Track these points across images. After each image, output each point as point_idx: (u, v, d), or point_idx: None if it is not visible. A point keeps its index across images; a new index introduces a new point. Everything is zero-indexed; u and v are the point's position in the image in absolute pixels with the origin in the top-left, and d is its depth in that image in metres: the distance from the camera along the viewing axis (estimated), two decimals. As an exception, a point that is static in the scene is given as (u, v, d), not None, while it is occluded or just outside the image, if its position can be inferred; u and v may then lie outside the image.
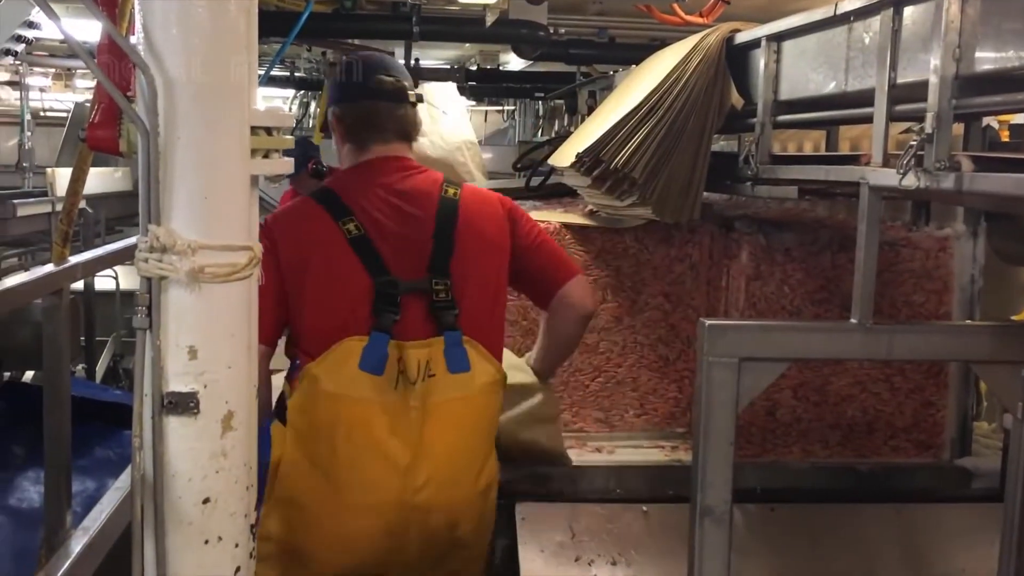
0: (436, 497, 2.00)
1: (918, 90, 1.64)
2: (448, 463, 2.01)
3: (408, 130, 2.18)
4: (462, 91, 6.42)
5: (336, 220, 2.03)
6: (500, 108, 10.40)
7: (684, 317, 2.61)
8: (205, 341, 1.41)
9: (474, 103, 8.99)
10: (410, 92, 2.16)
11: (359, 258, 2.01)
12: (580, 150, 2.34)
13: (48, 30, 5.13)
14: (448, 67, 6.80)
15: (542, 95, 6.86)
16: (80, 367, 5.44)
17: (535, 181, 3.42)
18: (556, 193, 3.29)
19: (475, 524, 2.09)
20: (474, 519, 2.08)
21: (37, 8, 4.63)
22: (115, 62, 1.55)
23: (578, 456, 2.47)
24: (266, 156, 1.54)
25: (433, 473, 1.99)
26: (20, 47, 4.83)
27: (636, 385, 2.63)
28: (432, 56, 6.61)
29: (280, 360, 2.12)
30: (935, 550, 2.32)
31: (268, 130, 1.53)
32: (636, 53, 3.93)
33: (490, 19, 3.89)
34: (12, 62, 5.57)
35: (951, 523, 2.37)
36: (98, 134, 1.58)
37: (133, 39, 1.46)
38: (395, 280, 2.01)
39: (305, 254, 2.03)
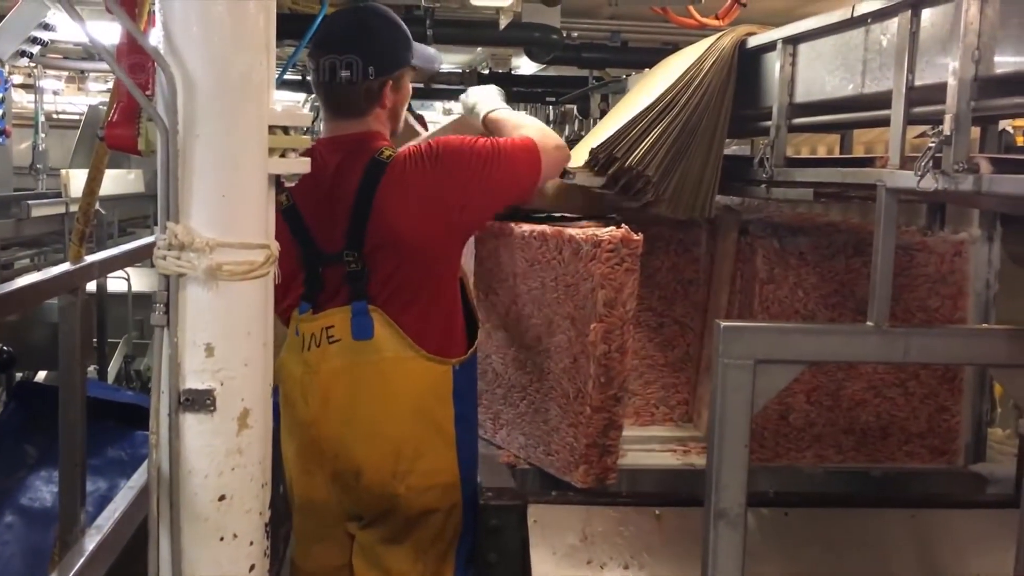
0: (338, 449, 2.10)
1: (936, 92, 1.64)
2: (343, 422, 2.08)
3: (345, 103, 2.09)
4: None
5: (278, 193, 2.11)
6: (511, 112, 10.41)
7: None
8: (222, 339, 1.42)
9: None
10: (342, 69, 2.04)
11: (290, 230, 2.04)
12: (594, 147, 2.34)
13: (64, 33, 5.15)
14: (460, 71, 6.81)
15: (554, 99, 6.86)
16: (92, 368, 5.47)
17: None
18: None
19: (384, 479, 2.08)
20: (383, 473, 2.08)
21: (52, 10, 4.67)
22: (134, 61, 1.55)
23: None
24: (283, 155, 1.55)
25: (329, 430, 2.09)
26: (35, 49, 4.84)
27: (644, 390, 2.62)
28: (444, 60, 6.63)
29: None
30: (949, 556, 2.30)
31: (285, 129, 1.54)
32: (649, 57, 3.94)
33: (504, 22, 3.90)
34: (27, 64, 5.57)
35: (965, 529, 2.35)
36: (116, 132, 1.58)
37: (152, 38, 1.47)
38: (318, 251, 2.08)
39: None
